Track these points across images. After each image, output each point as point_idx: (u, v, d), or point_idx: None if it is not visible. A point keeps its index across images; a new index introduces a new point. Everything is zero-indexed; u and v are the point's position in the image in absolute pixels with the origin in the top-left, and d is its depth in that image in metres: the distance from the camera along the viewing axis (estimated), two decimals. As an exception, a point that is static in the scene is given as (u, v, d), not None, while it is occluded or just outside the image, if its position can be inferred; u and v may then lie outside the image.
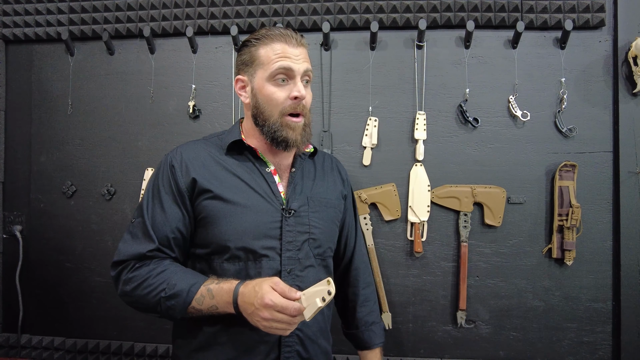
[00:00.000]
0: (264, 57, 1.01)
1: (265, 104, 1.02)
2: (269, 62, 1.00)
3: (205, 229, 1.02)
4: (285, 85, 1.01)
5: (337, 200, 1.18)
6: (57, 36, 1.80)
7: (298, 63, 1.00)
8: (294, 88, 1.00)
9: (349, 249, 1.29)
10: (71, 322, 1.81)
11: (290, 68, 1.00)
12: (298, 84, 1.00)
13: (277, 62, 0.99)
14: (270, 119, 1.02)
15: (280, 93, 1.01)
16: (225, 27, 1.74)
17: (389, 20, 1.69)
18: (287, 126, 1.02)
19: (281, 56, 0.99)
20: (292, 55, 1.00)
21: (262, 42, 1.02)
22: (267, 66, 1.00)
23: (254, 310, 0.88)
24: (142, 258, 0.99)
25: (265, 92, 1.01)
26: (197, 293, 0.94)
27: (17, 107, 1.86)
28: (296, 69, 1.00)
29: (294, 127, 1.03)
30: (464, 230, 1.65)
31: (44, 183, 1.83)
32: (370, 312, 1.29)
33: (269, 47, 1.01)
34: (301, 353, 1.04)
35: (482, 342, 1.66)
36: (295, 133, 1.03)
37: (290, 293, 0.87)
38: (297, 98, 1.00)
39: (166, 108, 1.79)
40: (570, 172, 1.62)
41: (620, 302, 1.60)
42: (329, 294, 0.84)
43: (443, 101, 1.69)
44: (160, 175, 1.04)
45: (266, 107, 1.02)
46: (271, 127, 1.02)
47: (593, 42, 1.66)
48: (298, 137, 1.03)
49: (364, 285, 1.29)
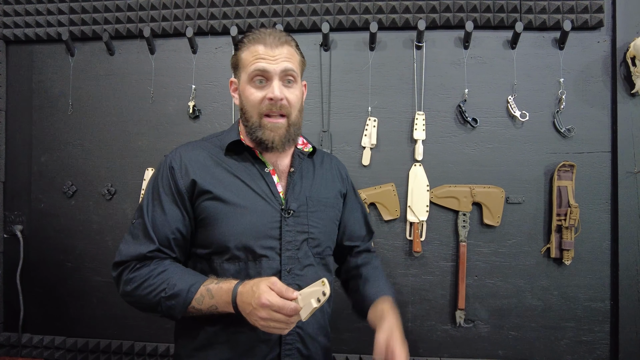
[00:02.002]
0: (244, 59, 1.04)
1: (246, 105, 1.05)
2: (247, 65, 1.03)
3: (206, 229, 1.03)
4: (263, 86, 1.03)
5: (336, 200, 1.19)
6: (57, 37, 1.81)
7: (275, 64, 1.02)
8: (269, 89, 1.02)
9: (358, 237, 1.25)
10: (72, 321, 1.82)
11: (265, 69, 1.01)
12: (273, 85, 1.02)
13: (253, 64, 1.02)
14: (250, 119, 1.05)
15: (258, 94, 1.03)
16: (225, 27, 1.74)
17: (388, 21, 1.69)
18: (264, 127, 1.04)
19: (257, 58, 1.02)
20: (267, 57, 1.02)
21: (245, 45, 1.05)
22: (246, 68, 1.03)
23: (251, 310, 0.89)
24: (143, 258, 1.00)
25: (246, 94, 1.04)
26: (197, 293, 0.95)
27: (18, 107, 1.87)
28: (271, 69, 1.01)
29: (272, 128, 1.04)
30: (462, 230, 1.65)
31: (45, 183, 1.84)
32: (380, 286, 1.19)
33: (248, 50, 1.04)
34: (301, 350, 1.05)
35: (480, 342, 1.67)
36: (274, 134, 1.04)
37: (287, 293, 0.88)
38: (271, 99, 1.02)
39: (166, 108, 1.79)
40: (569, 172, 1.62)
41: (618, 302, 1.61)
42: (324, 294, 0.85)
43: (442, 101, 1.69)
44: (159, 176, 1.05)
45: (247, 108, 1.05)
46: (251, 127, 1.05)
47: (591, 43, 1.66)
48: (276, 137, 1.04)
49: (375, 265, 1.24)
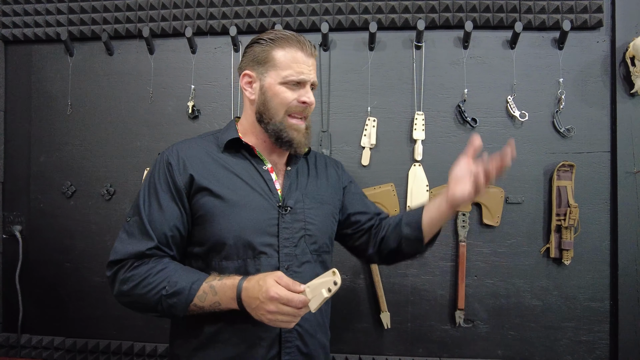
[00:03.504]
0: (280, 60, 1.04)
1: (272, 102, 1.05)
2: (285, 67, 1.04)
3: (203, 226, 1.02)
4: (295, 89, 1.06)
5: (332, 196, 1.19)
6: (56, 37, 1.80)
7: (310, 73, 1.07)
8: (305, 94, 1.05)
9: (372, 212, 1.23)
10: (71, 321, 1.81)
11: (304, 78, 1.05)
12: (308, 91, 1.06)
13: (293, 69, 1.04)
14: (275, 117, 1.05)
15: (291, 94, 1.05)
16: (224, 27, 1.74)
17: (387, 21, 1.69)
18: (291, 127, 1.06)
19: (299, 64, 1.04)
20: (306, 65, 1.06)
21: (279, 45, 1.05)
22: (282, 70, 1.04)
23: (259, 304, 0.89)
24: (141, 256, 0.98)
25: (276, 92, 1.05)
26: (199, 290, 0.95)
27: (17, 107, 1.86)
28: (309, 79, 1.06)
29: (298, 129, 1.07)
30: (462, 230, 1.65)
31: (44, 183, 1.84)
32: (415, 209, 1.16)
33: (286, 52, 1.04)
34: (301, 348, 1.05)
35: (480, 342, 1.67)
36: (300, 135, 1.07)
37: (295, 286, 0.89)
38: (305, 103, 1.06)
39: (165, 108, 1.79)
40: (568, 172, 1.62)
41: (618, 301, 1.61)
42: (335, 284, 0.87)
43: (441, 101, 1.69)
44: (156, 173, 1.04)
45: (273, 105, 1.05)
46: (277, 125, 1.06)
47: (591, 43, 1.66)
48: (302, 139, 1.08)
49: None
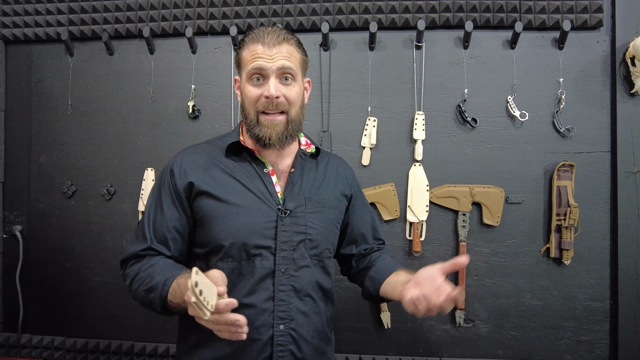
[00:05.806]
0: (244, 58, 1.07)
1: (245, 102, 1.08)
2: (247, 63, 1.05)
3: (203, 229, 1.05)
4: (260, 84, 1.05)
5: (337, 202, 1.18)
6: (56, 36, 1.80)
7: (272, 62, 1.03)
8: (266, 87, 1.04)
9: (366, 240, 1.26)
10: (71, 321, 1.81)
11: (261, 67, 1.03)
12: (270, 83, 1.04)
13: (251, 63, 1.04)
14: (248, 116, 1.08)
15: (255, 91, 1.05)
16: (224, 27, 1.74)
17: (387, 21, 1.69)
18: (261, 124, 1.06)
19: (255, 57, 1.04)
20: (265, 55, 1.04)
21: (245, 44, 1.08)
22: (246, 67, 1.06)
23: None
24: (137, 256, 1.06)
25: (245, 91, 1.07)
26: (171, 287, 0.96)
27: (17, 107, 1.86)
28: (268, 67, 1.03)
29: (268, 125, 1.05)
30: (462, 230, 1.65)
31: (44, 183, 1.84)
32: (388, 264, 1.20)
33: (248, 49, 1.06)
34: (295, 353, 1.04)
35: (480, 341, 1.67)
36: (271, 130, 1.05)
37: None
38: (267, 97, 1.04)
39: (166, 108, 1.79)
40: (568, 172, 1.62)
41: (618, 301, 1.61)
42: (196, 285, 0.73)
43: (442, 101, 1.69)
44: (162, 179, 1.10)
45: (246, 105, 1.08)
46: (249, 124, 1.08)
47: (591, 43, 1.67)
48: (273, 134, 1.05)
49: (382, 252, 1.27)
